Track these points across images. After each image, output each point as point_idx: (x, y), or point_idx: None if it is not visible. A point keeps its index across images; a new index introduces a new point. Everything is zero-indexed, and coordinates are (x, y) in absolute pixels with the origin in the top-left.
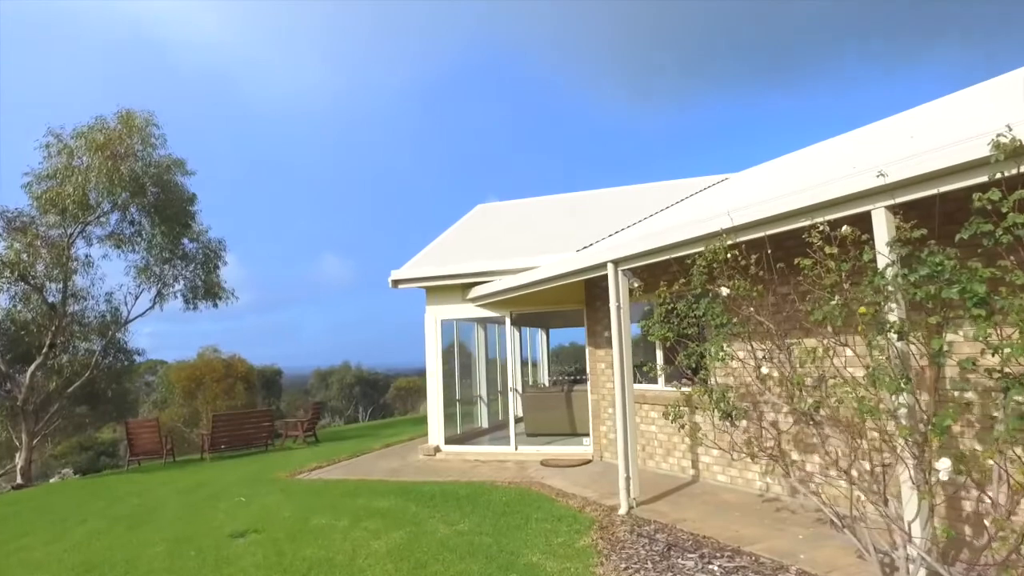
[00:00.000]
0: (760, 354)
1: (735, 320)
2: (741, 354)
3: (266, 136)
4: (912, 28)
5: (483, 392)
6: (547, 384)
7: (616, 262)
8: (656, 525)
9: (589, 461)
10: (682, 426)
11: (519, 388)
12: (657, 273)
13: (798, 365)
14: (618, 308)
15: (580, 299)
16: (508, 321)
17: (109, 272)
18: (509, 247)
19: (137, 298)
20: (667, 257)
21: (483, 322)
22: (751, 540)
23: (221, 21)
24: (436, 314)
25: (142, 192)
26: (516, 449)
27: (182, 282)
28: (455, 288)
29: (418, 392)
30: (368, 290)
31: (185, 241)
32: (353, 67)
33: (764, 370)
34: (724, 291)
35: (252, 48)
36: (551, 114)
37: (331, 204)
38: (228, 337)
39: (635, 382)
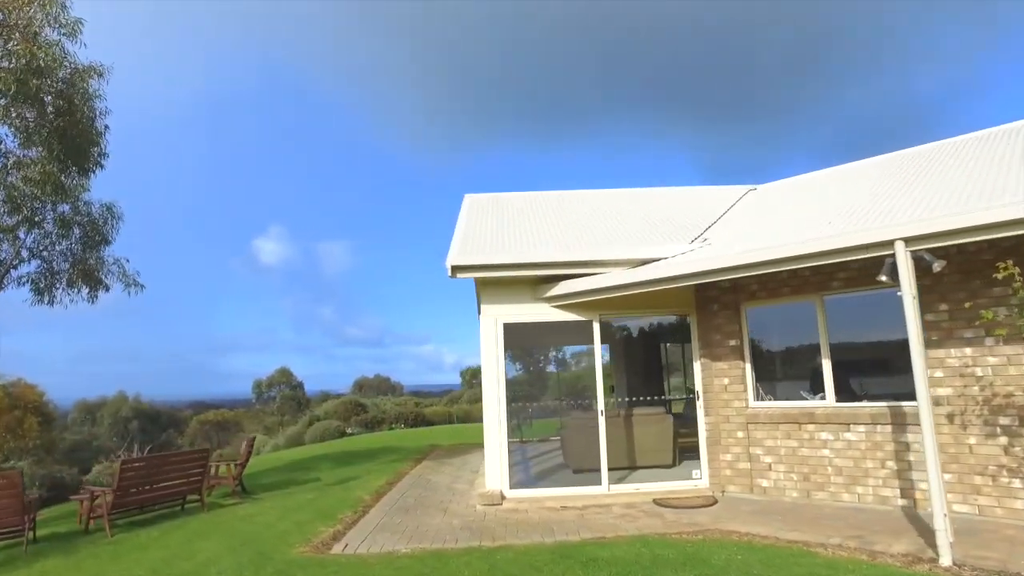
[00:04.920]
0: None
1: None
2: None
3: None
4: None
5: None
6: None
7: (908, 240)
8: None
9: (711, 497)
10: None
11: (602, 409)
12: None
13: None
14: (913, 299)
15: (686, 303)
16: (596, 327)
17: None
18: (604, 236)
19: None
20: (986, 237)
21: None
22: None
23: None
24: (496, 316)
25: (34, 100)
26: (609, 489)
27: (41, 260)
28: (523, 283)
29: (234, 426)
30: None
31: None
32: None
33: None
34: None
35: None
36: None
37: None
38: None
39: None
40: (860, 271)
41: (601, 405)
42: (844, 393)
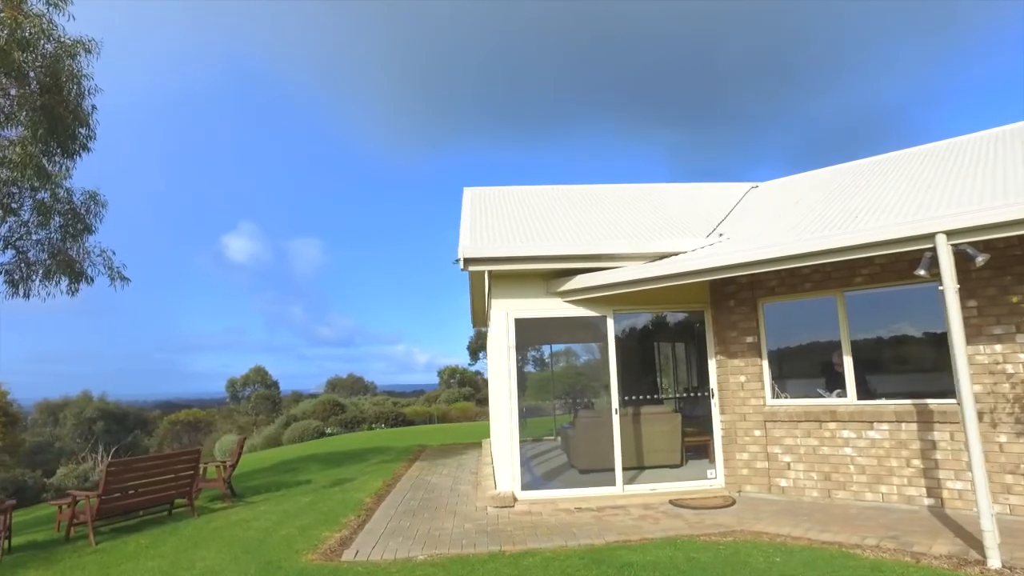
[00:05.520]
0: None
1: None
2: None
3: None
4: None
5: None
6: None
7: (950, 233)
8: None
9: (729, 497)
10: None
11: (617, 408)
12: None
13: None
14: (955, 294)
15: (700, 299)
16: (610, 323)
17: None
18: (619, 229)
19: None
20: None
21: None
22: None
23: None
24: (508, 310)
25: (17, 74)
26: (623, 489)
27: (16, 251)
28: (537, 277)
29: (207, 426)
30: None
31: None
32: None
33: None
34: None
35: None
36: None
37: None
38: None
39: (789, 396)
40: (884, 267)
41: (616, 403)
42: (865, 391)
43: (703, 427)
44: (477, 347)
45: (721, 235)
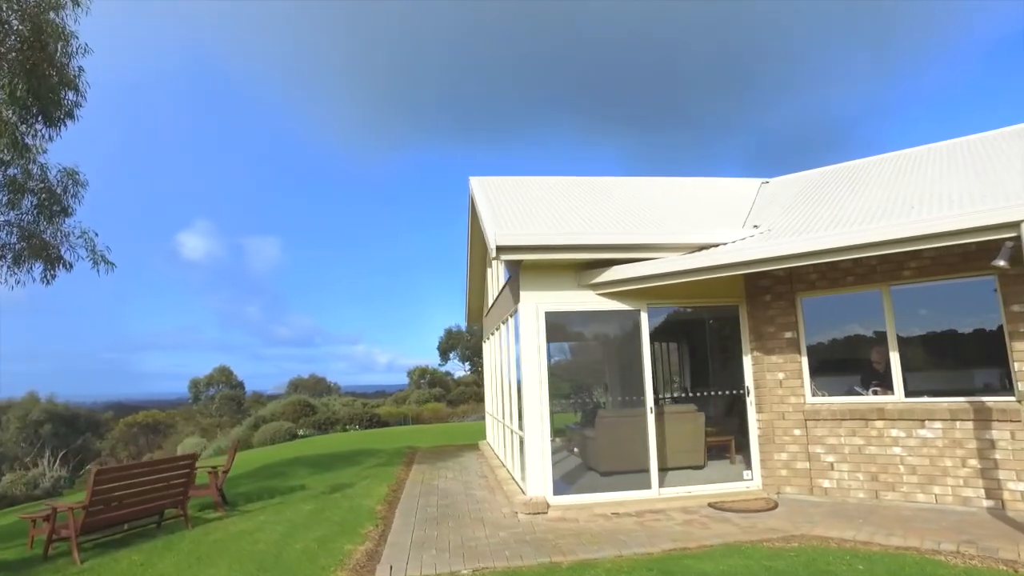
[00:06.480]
0: None
1: None
2: None
3: None
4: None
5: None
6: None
7: None
8: None
9: (771, 500)
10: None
11: (651, 406)
12: None
13: None
14: None
15: (735, 293)
16: (644, 317)
17: None
18: (653, 220)
19: None
20: None
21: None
22: None
23: None
24: (538, 304)
25: None
26: (659, 492)
27: None
28: (567, 269)
29: (167, 428)
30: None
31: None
32: None
33: None
34: None
35: None
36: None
37: None
38: None
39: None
40: (934, 260)
41: (650, 401)
42: (911, 388)
43: (724, 426)
44: (447, 347)
45: (756, 227)
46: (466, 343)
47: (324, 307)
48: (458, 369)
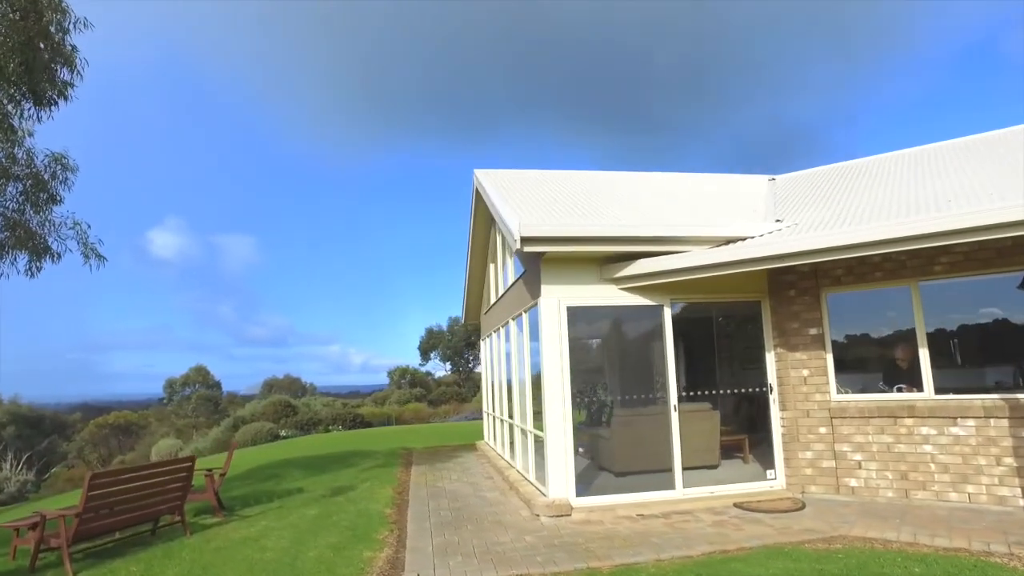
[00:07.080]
0: None
1: None
2: None
3: None
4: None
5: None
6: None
7: None
8: None
9: (797, 500)
10: None
11: (676, 404)
12: None
13: None
14: None
15: (757, 288)
16: (667, 312)
17: None
18: (671, 214)
19: None
20: None
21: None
22: None
23: None
24: (560, 298)
25: None
26: (683, 493)
27: None
28: (590, 262)
29: (140, 429)
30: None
31: None
32: None
33: None
34: None
35: None
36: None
37: None
38: None
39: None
40: (967, 255)
41: (675, 399)
42: (939, 385)
43: (737, 425)
44: (428, 347)
45: (778, 221)
46: (447, 343)
47: (298, 306)
48: (439, 369)
